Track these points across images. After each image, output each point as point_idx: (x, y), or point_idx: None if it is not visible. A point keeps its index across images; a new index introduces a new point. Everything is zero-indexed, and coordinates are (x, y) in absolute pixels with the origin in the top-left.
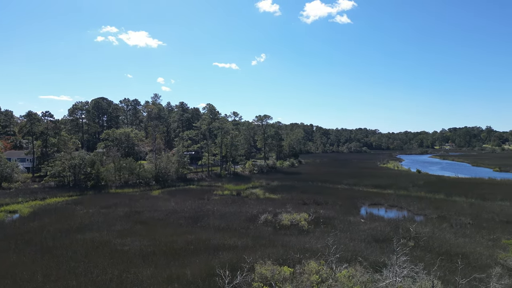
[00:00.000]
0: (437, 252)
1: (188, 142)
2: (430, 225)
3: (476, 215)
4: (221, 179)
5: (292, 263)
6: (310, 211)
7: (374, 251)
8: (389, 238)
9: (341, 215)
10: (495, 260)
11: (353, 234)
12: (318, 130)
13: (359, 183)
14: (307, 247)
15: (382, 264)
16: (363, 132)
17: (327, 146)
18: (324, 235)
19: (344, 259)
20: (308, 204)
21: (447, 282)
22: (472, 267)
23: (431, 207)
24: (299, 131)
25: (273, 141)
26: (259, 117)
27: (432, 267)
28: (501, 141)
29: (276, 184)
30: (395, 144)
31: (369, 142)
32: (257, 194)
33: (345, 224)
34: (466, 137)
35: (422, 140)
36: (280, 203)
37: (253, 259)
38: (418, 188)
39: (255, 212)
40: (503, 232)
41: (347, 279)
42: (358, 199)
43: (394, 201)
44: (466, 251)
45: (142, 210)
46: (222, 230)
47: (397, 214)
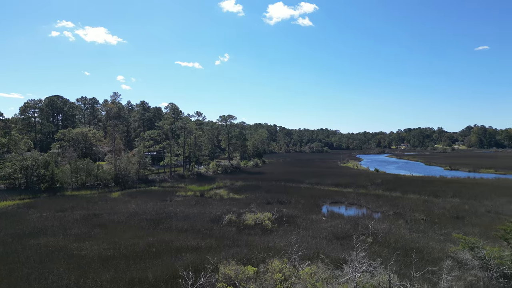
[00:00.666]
0: (394, 247)
1: (149, 142)
2: (387, 221)
3: (429, 211)
4: (184, 180)
5: (256, 262)
6: (274, 210)
7: (335, 248)
8: (349, 235)
9: (304, 214)
10: (446, 254)
11: (315, 232)
12: (281, 131)
13: (321, 182)
14: (270, 246)
15: (342, 260)
16: (324, 133)
17: (290, 146)
18: (287, 233)
19: (307, 257)
20: (272, 204)
21: (403, 275)
22: (425, 260)
23: (388, 205)
24: (263, 131)
25: (238, 141)
26: (223, 117)
27: (389, 261)
28: (451, 141)
29: (240, 184)
30: (355, 144)
31: (330, 142)
32: (221, 195)
33: (307, 222)
34: (420, 137)
35: (379, 140)
36: (244, 203)
37: (217, 259)
38: (376, 187)
39: (219, 213)
40: (453, 227)
41: (309, 276)
42: (320, 198)
43: (354, 199)
44: (420, 245)
45: (101, 213)
46: (185, 231)
47: (357, 212)
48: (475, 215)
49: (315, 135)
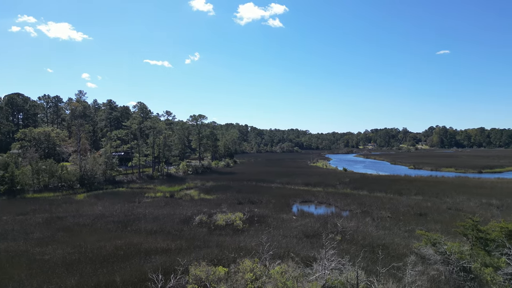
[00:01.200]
0: (361, 245)
1: (117, 142)
2: (355, 219)
3: (395, 209)
4: (153, 181)
5: (227, 263)
6: (245, 210)
7: (305, 247)
8: (318, 233)
9: (275, 213)
10: (410, 249)
11: (285, 231)
12: (252, 131)
13: (291, 182)
14: (242, 246)
15: (312, 259)
16: (294, 133)
17: (261, 146)
18: (259, 233)
19: (277, 256)
20: (243, 204)
21: (370, 271)
22: (391, 256)
23: (356, 203)
24: (234, 131)
25: (208, 141)
26: (194, 117)
27: (356, 258)
28: (415, 141)
29: (211, 185)
30: (324, 144)
31: (300, 142)
32: (192, 195)
33: (278, 222)
34: (386, 137)
35: (348, 140)
36: (215, 204)
37: (188, 261)
38: (344, 185)
39: (190, 214)
40: (417, 224)
41: (280, 275)
42: (291, 197)
43: (323, 198)
44: (386, 242)
45: (65, 216)
46: (154, 233)
47: (326, 210)
48: (437, 212)
49: (286, 135)
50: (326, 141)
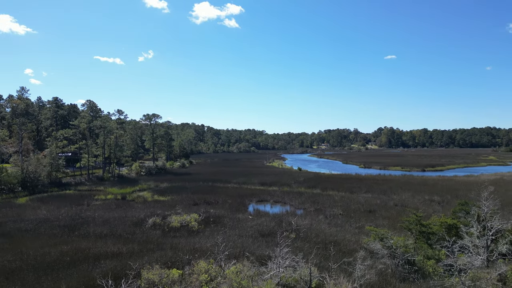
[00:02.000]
0: (314, 242)
1: (63, 142)
2: (308, 217)
3: (346, 206)
4: (103, 183)
5: (181, 265)
6: (201, 211)
7: (261, 245)
8: (273, 232)
9: (231, 213)
10: (360, 245)
11: (241, 231)
12: (209, 131)
13: (248, 182)
14: (197, 247)
15: (267, 257)
16: (251, 133)
17: (218, 146)
18: (214, 233)
19: (233, 256)
20: (198, 205)
21: (322, 267)
22: (342, 252)
23: (310, 201)
24: (190, 131)
25: (163, 141)
26: (147, 116)
27: (310, 255)
28: (365, 141)
29: (166, 186)
30: (280, 144)
31: (257, 142)
32: (145, 197)
33: (234, 222)
34: (338, 138)
35: (302, 141)
36: (169, 205)
37: (140, 264)
38: (299, 184)
39: (143, 216)
40: (366, 220)
41: (235, 275)
42: (247, 197)
43: (279, 197)
44: (338, 238)
45: (5, 221)
46: (104, 237)
47: (281, 209)
48: (384, 208)
49: (242, 136)
50: (282, 141)
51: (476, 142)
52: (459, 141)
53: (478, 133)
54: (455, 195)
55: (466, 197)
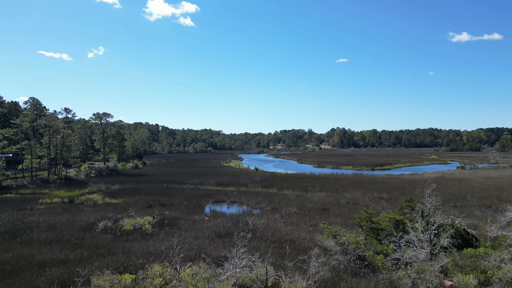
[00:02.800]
0: (271, 241)
1: (3, 142)
2: (265, 217)
3: (301, 205)
4: (49, 185)
5: (134, 270)
6: (155, 214)
7: (217, 247)
8: (230, 233)
9: (187, 215)
10: (315, 242)
11: (197, 232)
12: (164, 130)
13: (204, 182)
14: (151, 251)
15: (224, 258)
16: (208, 133)
17: (174, 146)
18: (169, 236)
19: (189, 258)
20: (153, 207)
21: (278, 266)
22: (297, 250)
23: (266, 201)
24: (144, 131)
25: (114, 142)
26: (98, 115)
27: (266, 254)
28: (319, 141)
29: (118, 188)
30: (237, 144)
31: (214, 143)
32: (95, 200)
33: (190, 223)
34: (293, 138)
35: (259, 141)
36: (122, 208)
37: (89, 271)
38: (255, 184)
39: (92, 220)
40: (320, 218)
41: (191, 277)
42: (203, 198)
43: (236, 197)
44: (293, 237)
45: None
46: (50, 243)
47: (238, 209)
48: (337, 206)
49: (199, 136)
50: (239, 141)
51: (420, 142)
52: (405, 141)
53: (422, 133)
54: (401, 193)
55: (412, 194)
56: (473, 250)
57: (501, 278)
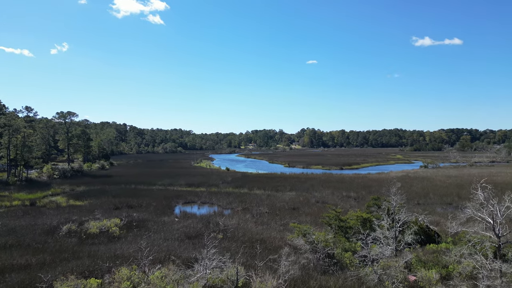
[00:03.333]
0: (242, 241)
1: None
2: (236, 217)
3: (272, 204)
4: (8, 187)
5: (100, 274)
6: (123, 216)
7: (187, 248)
8: (201, 234)
9: (156, 216)
10: (285, 242)
11: (167, 234)
12: (132, 130)
13: (174, 183)
14: (118, 254)
15: (194, 259)
16: (178, 133)
17: (142, 146)
18: (137, 238)
19: (158, 260)
20: (120, 209)
21: (249, 266)
22: (268, 250)
23: (237, 201)
24: (111, 131)
25: (79, 141)
26: (62, 114)
27: (237, 255)
28: (290, 141)
29: (83, 189)
30: (208, 144)
31: (184, 143)
32: (59, 202)
33: (159, 225)
34: (265, 138)
35: (230, 141)
36: (87, 210)
37: (52, 276)
38: (226, 185)
39: (56, 223)
40: (290, 217)
41: (160, 280)
42: (173, 199)
43: (206, 198)
44: (264, 236)
45: None
46: (9, 248)
47: (209, 210)
48: (307, 205)
49: (168, 135)
50: (210, 141)
51: (386, 142)
52: (372, 142)
53: (388, 134)
54: (368, 191)
55: (378, 192)
56: (435, 246)
57: (461, 272)
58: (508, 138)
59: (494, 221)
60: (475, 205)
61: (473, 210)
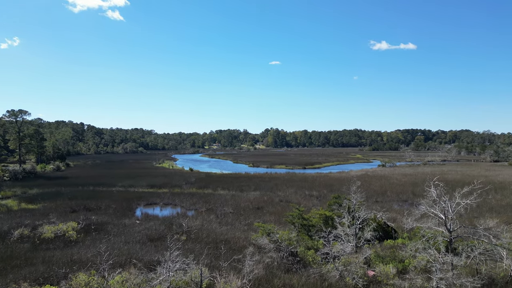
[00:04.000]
0: (206, 242)
1: None
2: (200, 218)
3: (236, 204)
4: None
5: (56, 280)
6: (80, 219)
7: (149, 251)
8: (163, 236)
9: (116, 219)
10: (249, 241)
11: (128, 237)
12: (90, 130)
13: (135, 184)
14: (75, 259)
15: (156, 262)
16: (139, 132)
17: (101, 146)
18: (96, 242)
19: (118, 264)
20: (77, 212)
21: (213, 267)
22: (232, 250)
23: (201, 202)
24: (67, 130)
25: (32, 141)
26: (12, 113)
27: (201, 256)
28: (254, 141)
29: (36, 192)
30: (171, 144)
31: (145, 143)
32: (9, 206)
33: (119, 228)
34: (229, 138)
35: (194, 141)
36: (41, 214)
37: (3, 284)
38: (190, 185)
39: (6, 228)
40: (255, 217)
41: (120, 284)
42: (134, 200)
43: (169, 199)
44: (228, 237)
45: None
46: None
47: (172, 211)
48: (271, 204)
49: (129, 135)
50: (172, 141)
51: (347, 142)
52: (333, 141)
53: (348, 134)
54: (330, 190)
55: (339, 191)
56: (392, 242)
57: (416, 266)
58: (458, 138)
59: (446, 217)
60: (429, 202)
61: (426, 207)
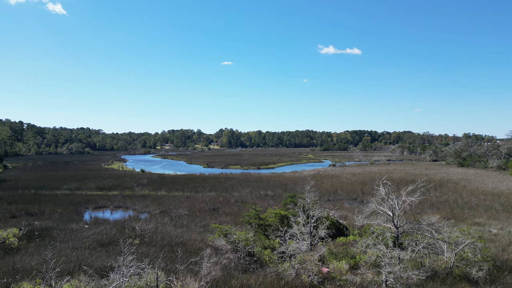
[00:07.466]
0: (161, 245)
1: None
2: (154, 220)
3: (191, 206)
4: None
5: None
6: (22, 225)
7: (100, 256)
8: (115, 240)
9: (62, 224)
10: (206, 243)
11: (76, 243)
12: (30, 129)
13: (83, 187)
14: (18, 268)
15: (109, 268)
16: (85, 132)
17: (43, 147)
18: (41, 249)
19: (67, 272)
20: (18, 217)
21: (169, 271)
22: (189, 252)
23: (155, 204)
24: (4, 129)
25: None
26: None
27: (156, 260)
28: (208, 141)
29: None
30: (120, 144)
31: (92, 143)
32: None
33: (66, 233)
34: (182, 138)
35: (145, 141)
36: None
37: None
38: (142, 187)
39: None
40: (211, 218)
41: None
42: (82, 204)
43: (120, 202)
44: (184, 239)
45: None
46: None
47: (123, 215)
48: (227, 205)
49: (74, 135)
50: (122, 141)
51: (299, 143)
52: (286, 142)
53: (300, 135)
54: (285, 189)
55: (294, 190)
56: (345, 239)
57: (367, 261)
58: (401, 139)
59: (393, 214)
60: (378, 199)
61: (376, 204)
